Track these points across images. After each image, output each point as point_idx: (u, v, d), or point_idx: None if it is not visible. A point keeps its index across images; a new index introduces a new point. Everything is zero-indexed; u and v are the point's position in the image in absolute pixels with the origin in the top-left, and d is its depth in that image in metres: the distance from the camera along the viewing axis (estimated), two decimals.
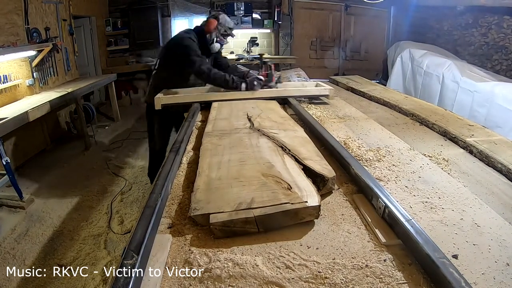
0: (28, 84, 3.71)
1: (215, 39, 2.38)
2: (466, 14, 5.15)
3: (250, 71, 2.55)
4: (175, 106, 2.21)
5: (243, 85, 2.23)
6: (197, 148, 1.47)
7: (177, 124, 2.47)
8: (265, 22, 6.31)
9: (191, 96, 2.25)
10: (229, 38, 2.51)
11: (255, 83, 2.25)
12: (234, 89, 2.24)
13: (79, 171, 3.60)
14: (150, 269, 0.77)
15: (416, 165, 1.32)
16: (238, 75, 2.41)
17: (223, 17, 2.41)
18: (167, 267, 0.79)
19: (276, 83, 2.41)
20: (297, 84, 2.80)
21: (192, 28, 2.51)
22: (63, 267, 2.16)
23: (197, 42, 2.31)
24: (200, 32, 2.39)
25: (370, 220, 0.94)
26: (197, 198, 0.99)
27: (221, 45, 2.46)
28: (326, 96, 2.39)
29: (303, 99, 2.39)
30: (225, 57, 2.74)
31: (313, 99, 2.42)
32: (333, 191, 1.13)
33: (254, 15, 6.23)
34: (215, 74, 2.24)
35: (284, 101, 2.29)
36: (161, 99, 2.14)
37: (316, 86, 2.56)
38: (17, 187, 2.82)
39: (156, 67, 2.48)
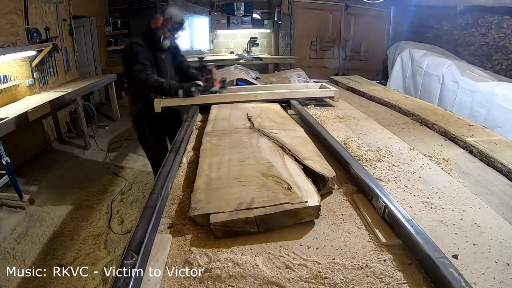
0: (28, 84, 3.70)
1: (163, 35, 2.23)
2: (466, 14, 5.15)
3: (203, 74, 2.39)
4: (166, 110, 2.15)
5: (180, 91, 2.13)
6: (197, 148, 1.47)
7: (166, 127, 2.42)
8: (265, 22, 6.31)
9: (192, 99, 2.19)
10: (180, 33, 2.34)
11: (193, 89, 2.14)
12: (172, 96, 2.14)
13: (79, 171, 3.60)
14: (150, 269, 0.77)
15: (416, 165, 1.32)
16: (190, 78, 2.33)
17: (170, 11, 2.26)
18: (167, 267, 0.79)
19: (221, 87, 2.30)
20: (300, 86, 2.70)
21: (144, 28, 2.34)
22: (63, 267, 2.16)
23: (144, 44, 2.17)
24: (150, 31, 2.24)
25: (370, 220, 0.94)
26: (197, 198, 0.99)
27: (171, 41, 2.31)
28: (331, 98, 2.32)
29: (307, 102, 2.31)
30: (184, 57, 2.57)
31: (317, 101, 2.35)
32: (333, 191, 1.13)
33: (254, 15, 6.23)
34: (152, 82, 2.11)
35: (286, 102, 2.23)
36: (161, 102, 2.11)
37: (320, 87, 2.47)
38: (17, 187, 2.82)
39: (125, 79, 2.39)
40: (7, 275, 2.07)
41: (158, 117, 2.22)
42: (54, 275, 2.09)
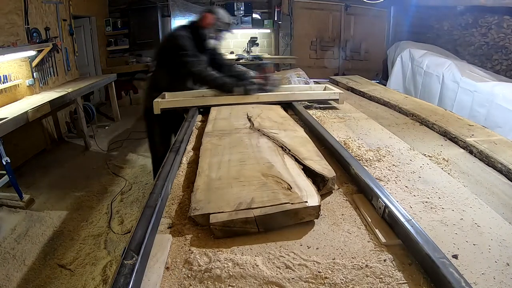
0: (28, 84, 3.71)
1: (210, 35, 2.22)
2: (466, 14, 5.15)
3: (249, 72, 2.41)
4: (177, 109, 2.11)
5: (241, 89, 2.10)
6: (197, 148, 1.47)
7: (177, 126, 2.41)
8: (265, 22, 6.31)
9: (192, 100, 2.15)
10: (227, 35, 2.35)
11: (252, 87, 2.11)
12: (229, 93, 2.11)
13: (79, 171, 3.60)
14: (150, 269, 0.77)
15: (416, 165, 1.32)
16: (237, 75, 2.28)
17: (220, 11, 2.24)
18: (167, 267, 0.79)
19: (276, 85, 2.28)
20: (304, 88, 2.62)
21: (188, 23, 2.32)
22: (63, 267, 2.17)
23: (192, 38, 2.14)
24: (196, 28, 2.21)
25: (370, 220, 0.94)
26: (197, 198, 0.99)
27: (217, 41, 2.31)
28: (336, 100, 2.24)
29: (310, 104, 2.26)
30: (223, 55, 2.55)
31: (320, 103, 2.29)
32: (333, 191, 1.13)
33: (254, 15, 6.23)
34: (210, 76, 2.10)
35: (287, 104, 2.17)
36: (160, 103, 2.05)
37: (325, 89, 2.38)
38: (17, 187, 2.82)
39: (152, 68, 2.35)
40: (7, 275, 2.07)
41: (170, 115, 2.18)
42: (54, 275, 2.10)
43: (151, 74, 2.37)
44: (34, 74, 3.79)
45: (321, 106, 2.28)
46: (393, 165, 1.33)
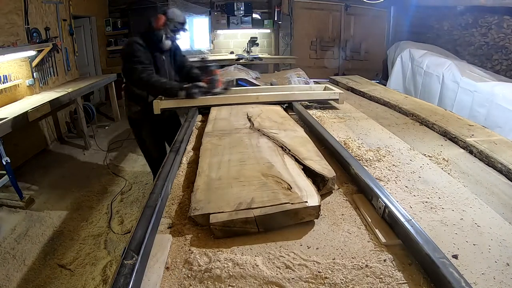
0: (28, 84, 3.71)
1: (164, 35, 2.18)
2: (466, 14, 5.15)
3: (200, 75, 2.34)
4: (163, 112, 2.11)
5: (182, 92, 2.07)
6: (197, 148, 1.47)
7: (163, 129, 2.39)
8: (265, 22, 6.31)
9: (192, 100, 2.12)
10: (181, 33, 2.29)
11: (194, 90, 2.08)
12: (173, 97, 2.09)
13: (79, 171, 3.60)
14: (150, 269, 0.77)
15: (416, 165, 1.32)
16: (191, 78, 2.28)
17: (172, 11, 2.22)
18: (167, 267, 0.79)
19: (224, 88, 2.24)
20: (304, 88, 2.62)
21: (145, 28, 2.28)
22: (63, 267, 2.17)
23: (144, 44, 2.12)
24: (150, 31, 2.19)
25: (370, 220, 0.94)
26: (197, 198, 0.99)
27: (172, 41, 2.27)
28: (336, 100, 2.25)
29: (310, 104, 2.26)
30: (184, 56, 2.51)
31: (320, 103, 2.28)
32: (333, 191, 1.13)
33: (254, 15, 6.22)
34: (154, 82, 2.07)
35: (287, 105, 2.18)
36: (160, 103, 2.06)
37: (325, 89, 2.39)
38: (17, 187, 2.82)
39: (123, 79, 2.35)
40: (7, 275, 2.07)
41: (155, 119, 2.18)
42: (54, 275, 2.10)
43: (124, 85, 2.36)
44: (34, 74, 3.79)
45: (321, 106, 2.28)
46: (393, 165, 1.33)
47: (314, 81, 3.50)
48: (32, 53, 3.62)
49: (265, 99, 2.15)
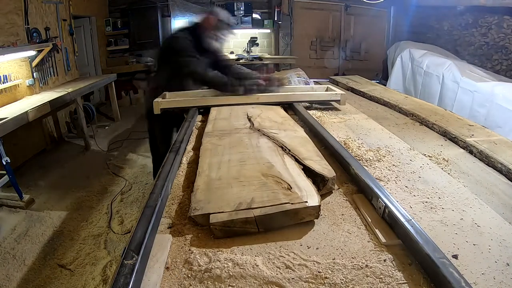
0: (28, 84, 3.71)
1: (213, 36, 2.21)
2: (466, 14, 5.15)
3: (252, 72, 2.41)
4: (177, 109, 2.10)
5: (241, 88, 2.09)
6: (197, 148, 1.47)
7: (178, 126, 2.41)
8: (265, 22, 6.31)
9: (193, 100, 2.13)
10: (228, 36, 2.35)
11: (252, 87, 2.10)
12: (231, 93, 2.11)
13: (79, 171, 3.60)
14: (150, 269, 0.77)
15: (416, 165, 1.32)
16: (239, 76, 2.28)
17: (222, 13, 2.23)
18: (167, 267, 0.79)
19: (277, 86, 2.27)
20: (305, 88, 2.57)
21: (189, 25, 2.33)
22: (63, 267, 2.17)
23: (193, 40, 2.15)
24: (197, 29, 2.21)
25: (370, 220, 0.94)
26: (197, 198, 0.99)
27: (219, 42, 2.30)
28: (337, 101, 2.22)
29: (310, 104, 2.24)
30: (226, 56, 2.58)
31: (321, 104, 2.26)
32: (333, 191, 1.13)
33: (254, 15, 6.23)
34: (212, 77, 2.10)
35: (288, 105, 2.15)
36: (160, 103, 2.05)
37: (327, 90, 2.36)
38: (17, 187, 2.82)
39: (154, 69, 2.36)
40: (7, 275, 2.07)
41: (172, 116, 2.18)
42: (54, 275, 2.10)
43: (154, 76, 2.38)
44: (34, 74, 3.79)
45: (322, 107, 2.26)
46: (393, 165, 1.33)
47: (314, 81, 3.49)
48: (32, 53, 3.62)
49: (266, 99, 2.14)
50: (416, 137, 1.79)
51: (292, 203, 0.92)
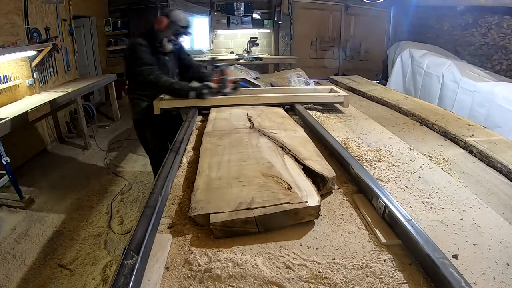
0: (28, 84, 3.70)
1: (166, 38, 2.15)
2: (466, 14, 5.15)
3: (213, 73, 2.30)
4: (165, 112, 2.10)
5: (192, 93, 2.05)
6: (197, 148, 1.47)
7: (168, 129, 2.36)
8: (265, 22, 6.31)
9: (192, 101, 2.10)
10: (184, 36, 2.25)
11: (204, 90, 2.06)
12: (184, 98, 2.08)
13: (79, 171, 3.60)
14: (150, 269, 0.77)
15: (416, 165, 1.32)
16: (200, 77, 2.26)
17: (175, 14, 2.15)
18: (167, 267, 0.79)
19: (233, 89, 2.21)
20: (308, 89, 2.53)
21: (147, 28, 2.23)
22: (63, 267, 2.17)
23: (148, 45, 2.10)
24: (152, 32, 2.15)
25: (370, 220, 0.94)
26: (197, 198, 0.99)
27: (174, 45, 2.22)
28: (340, 103, 2.19)
29: (314, 106, 2.22)
30: (189, 56, 2.47)
31: (324, 106, 2.23)
32: (333, 191, 1.13)
33: (254, 15, 6.22)
34: (163, 82, 2.06)
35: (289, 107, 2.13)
36: (161, 103, 2.05)
37: (330, 91, 2.33)
38: (17, 187, 2.82)
39: (126, 80, 2.33)
40: (7, 275, 2.07)
41: (160, 120, 2.18)
42: (54, 275, 2.10)
43: (127, 86, 2.34)
44: (34, 74, 3.79)
45: (324, 108, 2.24)
46: (393, 165, 1.33)
47: (314, 81, 3.50)
48: (32, 53, 3.62)
49: (266, 100, 2.13)
50: (416, 137, 1.79)
51: (292, 203, 0.92)
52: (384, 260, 0.79)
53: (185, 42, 2.34)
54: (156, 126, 2.31)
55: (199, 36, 6.08)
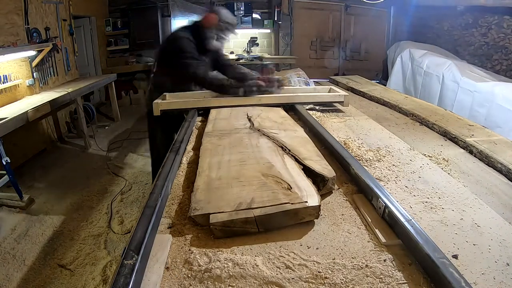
0: (28, 84, 3.71)
1: (214, 36, 2.15)
2: (466, 14, 5.15)
3: (252, 73, 2.36)
4: (176, 111, 2.07)
5: (241, 90, 2.06)
6: (197, 148, 1.47)
7: (178, 127, 2.40)
8: (265, 22, 6.31)
9: (192, 102, 2.10)
10: (230, 36, 2.29)
11: (252, 89, 2.07)
12: (232, 95, 2.09)
13: (79, 171, 3.60)
14: (150, 269, 0.77)
15: (416, 165, 1.32)
16: (240, 77, 2.25)
17: (224, 12, 2.17)
18: (167, 267, 0.79)
19: (278, 87, 2.22)
20: (308, 89, 2.52)
21: (190, 24, 2.27)
22: (63, 267, 2.17)
23: (193, 40, 2.09)
24: (198, 28, 2.15)
25: (370, 220, 0.94)
26: (197, 198, 0.99)
27: (220, 42, 2.24)
28: (340, 103, 2.18)
29: (314, 106, 2.21)
30: (227, 56, 2.52)
31: (324, 106, 2.22)
32: (333, 191, 1.13)
33: (254, 15, 6.23)
34: (211, 79, 2.07)
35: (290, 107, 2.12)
36: (160, 104, 2.01)
37: (329, 91, 2.32)
38: (17, 187, 2.82)
39: (153, 70, 2.32)
40: (7, 275, 2.07)
41: (173, 117, 2.14)
42: (54, 275, 2.10)
43: (153, 75, 2.32)
44: (34, 74, 3.79)
45: (324, 108, 2.24)
46: (393, 165, 1.33)
47: (314, 81, 3.49)
48: (32, 53, 3.62)
49: (268, 101, 2.11)
50: (416, 137, 1.79)
51: (292, 203, 0.92)
52: (384, 260, 0.79)
53: (228, 41, 2.34)
54: (169, 123, 2.26)
55: None
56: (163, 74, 2.26)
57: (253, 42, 6.04)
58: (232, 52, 6.31)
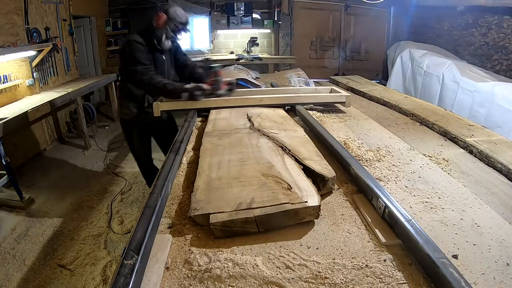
0: (28, 84, 3.71)
1: (164, 36, 2.09)
2: (466, 14, 5.15)
3: (206, 75, 2.25)
4: (150, 116, 2.05)
5: (185, 94, 2.00)
6: (197, 148, 1.47)
7: (155, 132, 2.37)
8: (265, 22, 6.31)
9: (193, 103, 2.05)
10: (183, 34, 2.19)
11: (197, 92, 2.00)
12: (175, 99, 2.03)
13: (79, 171, 3.60)
14: (150, 269, 0.77)
15: (416, 165, 1.32)
16: (197, 77, 2.21)
17: (174, 10, 2.10)
18: (167, 267, 0.79)
19: (228, 90, 2.15)
20: (309, 90, 2.50)
21: (145, 25, 2.18)
22: (63, 267, 2.17)
23: (144, 43, 2.03)
24: (149, 29, 2.10)
25: (370, 220, 0.94)
26: (197, 198, 0.99)
27: (172, 42, 2.17)
28: (342, 103, 2.17)
29: (315, 107, 2.19)
30: (185, 55, 2.41)
31: (325, 106, 2.21)
32: (333, 191, 1.13)
33: (254, 15, 6.23)
34: (156, 83, 1.99)
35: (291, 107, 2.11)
36: (160, 105, 2.00)
37: (331, 91, 2.31)
38: (17, 187, 2.82)
39: (118, 78, 2.32)
40: (7, 275, 2.07)
41: (148, 122, 2.14)
42: (54, 275, 2.10)
43: (119, 83, 2.28)
44: (34, 74, 3.79)
45: (325, 108, 2.23)
46: (393, 165, 1.33)
47: (314, 81, 3.49)
48: (32, 53, 3.62)
49: (269, 101, 2.10)
50: (416, 137, 1.79)
51: (292, 203, 0.92)
52: (384, 260, 0.79)
53: (183, 40, 2.27)
54: (143, 128, 2.27)
55: (199, 36, 6.08)
56: (124, 80, 2.23)
57: (253, 42, 6.03)
58: (232, 52, 6.31)
